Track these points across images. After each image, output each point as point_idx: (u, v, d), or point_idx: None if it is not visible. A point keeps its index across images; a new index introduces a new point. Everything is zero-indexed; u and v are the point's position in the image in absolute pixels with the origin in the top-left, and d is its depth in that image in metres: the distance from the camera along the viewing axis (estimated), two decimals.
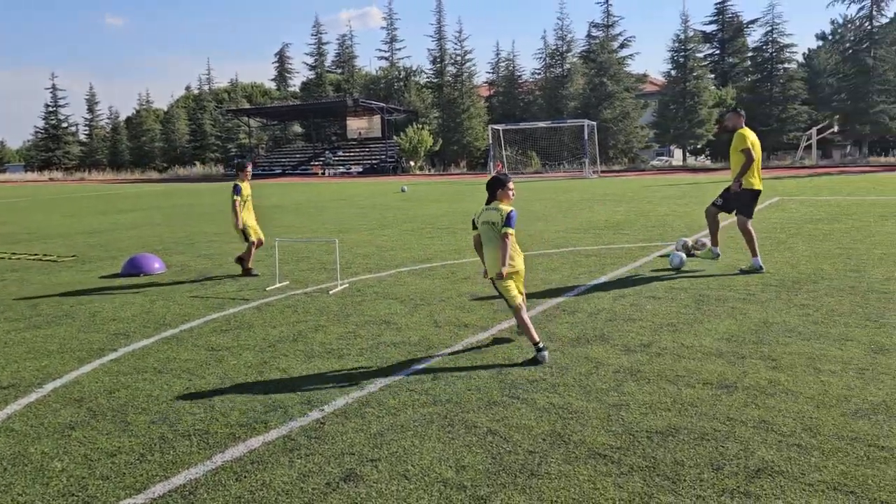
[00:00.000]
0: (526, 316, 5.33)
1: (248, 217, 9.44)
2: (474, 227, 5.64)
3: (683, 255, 8.78)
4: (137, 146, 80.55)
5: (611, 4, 56.18)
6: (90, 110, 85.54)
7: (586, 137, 41.71)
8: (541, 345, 5.19)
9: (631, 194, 22.76)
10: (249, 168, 9.68)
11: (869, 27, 51.44)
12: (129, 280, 9.32)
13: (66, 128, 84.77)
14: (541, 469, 3.46)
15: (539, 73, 61.53)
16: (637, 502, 3.13)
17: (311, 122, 70.92)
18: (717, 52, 60.37)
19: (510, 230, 5.31)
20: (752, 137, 8.41)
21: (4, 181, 70.28)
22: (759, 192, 8.46)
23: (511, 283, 5.32)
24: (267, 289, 8.31)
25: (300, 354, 5.54)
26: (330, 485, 3.36)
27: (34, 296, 8.41)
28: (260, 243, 9.50)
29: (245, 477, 3.46)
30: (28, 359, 5.67)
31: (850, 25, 56.40)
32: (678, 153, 60.14)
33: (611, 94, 53.72)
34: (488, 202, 5.54)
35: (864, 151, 53.05)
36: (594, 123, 44.29)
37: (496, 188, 5.52)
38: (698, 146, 56.45)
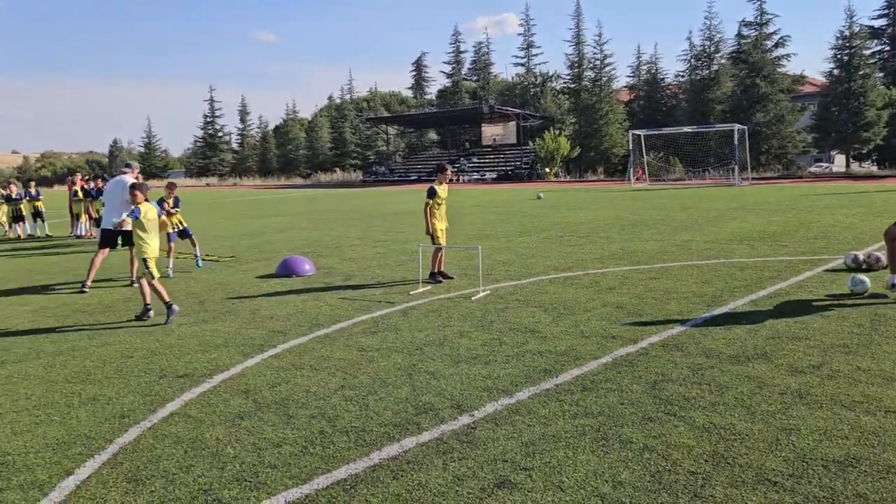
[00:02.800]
0: (156, 285, 7.44)
1: (440, 221, 9.37)
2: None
3: (867, 282, 7.45)
4: (284, 154, 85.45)
5: (764, 2, 52.88)
6: (242, 120, 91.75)
7: (736, 142, 39.49)
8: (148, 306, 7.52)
9: (787, 203, 21.26)
10: (449, 170, 9.52)
11: None
12: (282, 280, 9.89)
13: (221, 137, 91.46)
14: (704, 491, 3.28)
15: (683, 76, 59.07)
16: None
17: (447, 128, 72.23)
18: (888, 48, 55.15)
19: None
20: None
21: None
22: None
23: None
24: (411, 293, 8.51)
25: (447, 359, 5.62)
26: (484, 490, 3.36)
27: (201, 293, 9.11)
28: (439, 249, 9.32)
29: (402, 476, 3.54)
30: (199, 351, 6.14)
31: None
32: (839, 159, 55.54)
33: (764, 96, 50.50)
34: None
35: None
36: (745, 128, 41.85)
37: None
38: (864, 151, 51.82)
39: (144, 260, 7.50)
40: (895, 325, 6.08)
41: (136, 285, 9.78)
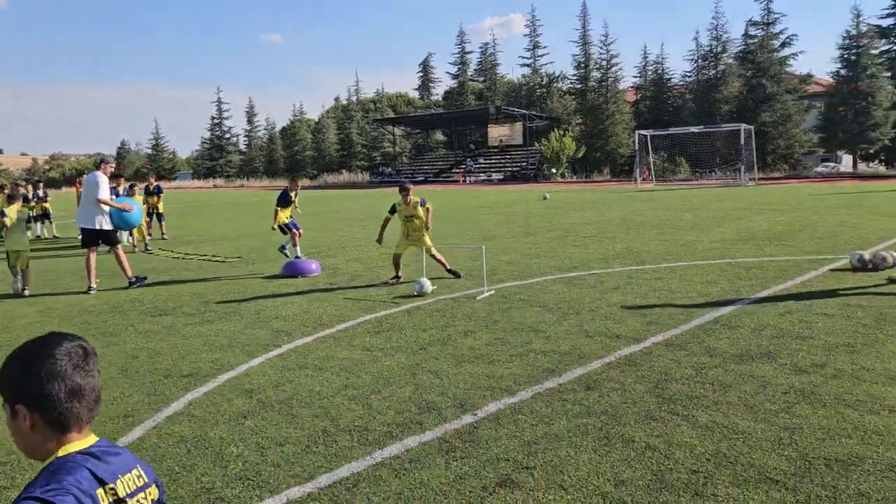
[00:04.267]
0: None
1: (404, 237, 9.75)
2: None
3: (426, 285, 8.45)
4: (291, 155, 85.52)
5: (771, 1, 52.66)
6: (249, 122, 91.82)
7: (742, 142, 39.35)
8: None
9: (793, 203, 21.19)
10: (411, 193, 9.58)
11: None
12: (288, 281, 9.91)
13: (229, 138, 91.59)
14: (706, 490, 3.28)
15: (690, 76, 58.95)
16: None
17: (454, 129, 72.27)
18: (895, 48, 54.91)
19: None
20: None
21: (176, 188, 77.26)
22: None
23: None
24: (415, 293, 8.51)
25: (451, 358, 5.62)
26: (486, 489, 3.37)
27: (206, 293, 9.15)
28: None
29: (404, 474, 3.55)
30: (204, 351, 6.17)
31: None
32: (847, 159, 55.31)
33: (770, 96, 50.34)
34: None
35: None
36: (751, 128, 41.70)
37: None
38: (871, 151, 51.58)
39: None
40: None
41: (133, 286, 9.78)
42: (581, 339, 6.02)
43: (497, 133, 67.36)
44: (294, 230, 11.45)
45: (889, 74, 53.01)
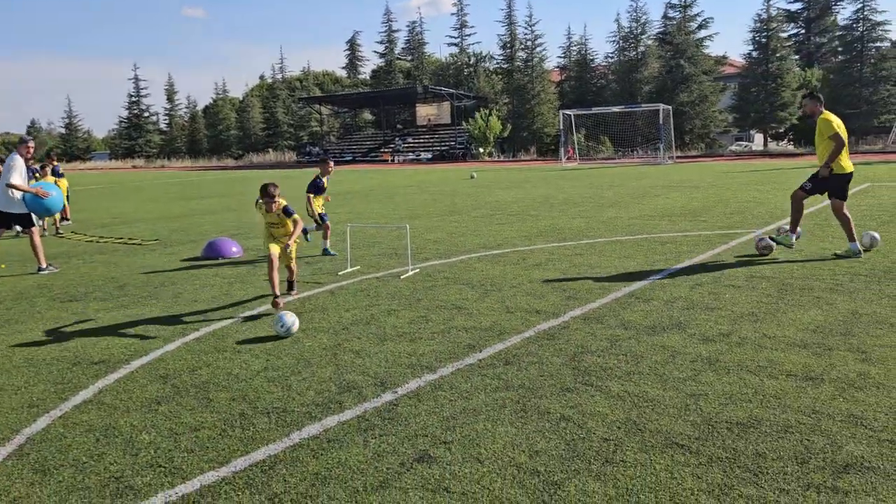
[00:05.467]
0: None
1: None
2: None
3: (292, 323, 5.72)
4: (214, 134, 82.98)
5: None
6: (169, 100, 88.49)
7: (661, 122, 40.56)
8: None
9: (709, 180, 22.04)
10: (276, 197, 7.13)
11: None
12: (208, 263, 9.65)
13: (148, 117, 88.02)
14: (616, 457, 3.40)
15: (612, 57, 60.20)
16: (717, 493, 3.03)
17: (382, 109, 71.63)
18: (802, 31, 57.64)
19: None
20: (837, 121, 8.26)
21: (91, 168, 73.84)
22: (850, 174, 8.34)
23: None
24: (339, 273, 8.45)
25: (373, 337, 5.62)
26: (404, 465, 3.40)
27: (121, 277, 8.82)
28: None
29: (322, 454, 3.54)
30: (116, 336, 5.95)
31: None
32: (759, 138, 57.84)
33: (688, 76, 52.00)
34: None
35: None
36: (670, 108, 43.02)
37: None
38: (781, 130, 54.11)
39: None
40: (800, 294, 6.42)
41: (42, 273, 9.33)
42: (502, 315, 6.12)
43: (425, 112, 67.17)
44: (326, 223, 9.93)
45: (797, 57, 55.62)
